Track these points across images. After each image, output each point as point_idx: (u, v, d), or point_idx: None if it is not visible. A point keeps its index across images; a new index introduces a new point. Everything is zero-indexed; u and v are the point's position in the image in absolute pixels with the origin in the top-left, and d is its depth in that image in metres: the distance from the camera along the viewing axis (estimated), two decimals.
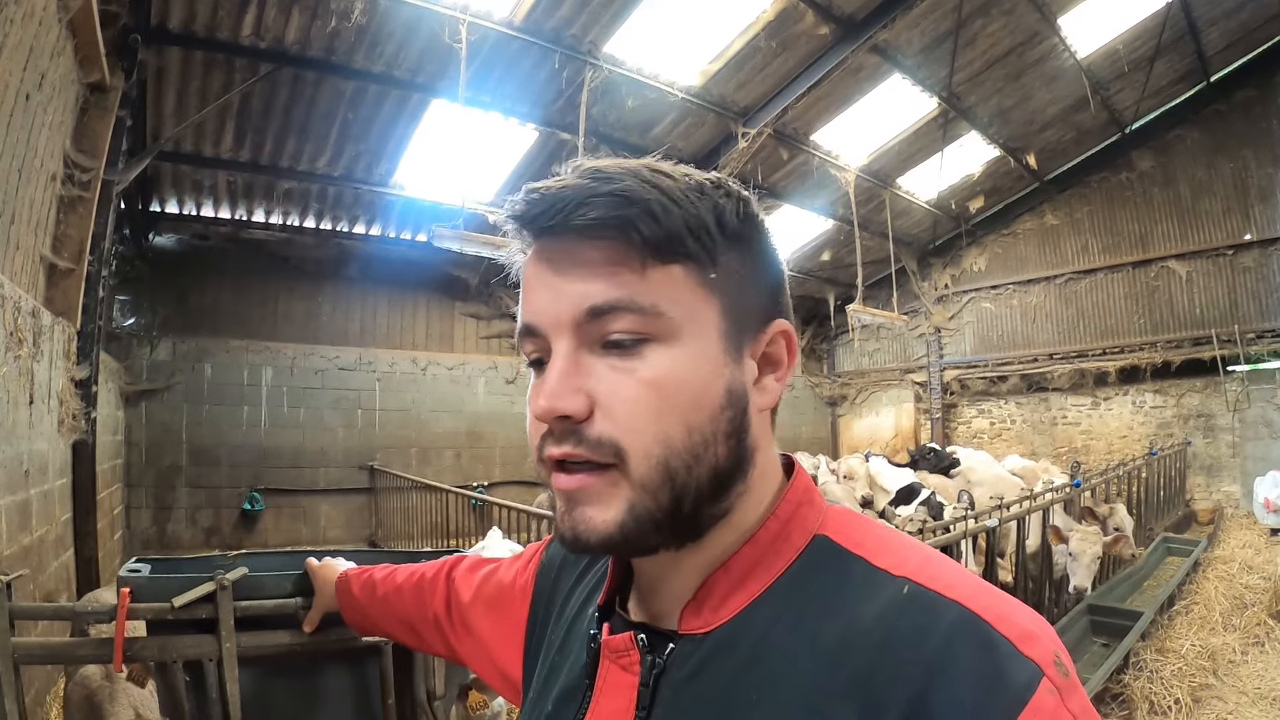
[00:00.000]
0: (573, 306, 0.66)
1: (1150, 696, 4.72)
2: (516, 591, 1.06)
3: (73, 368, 5.77)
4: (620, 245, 0.65)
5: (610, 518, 0.66)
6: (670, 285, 0.66)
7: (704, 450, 0.66)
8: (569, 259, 0.67)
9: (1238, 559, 7.97)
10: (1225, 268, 12.09)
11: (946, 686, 0.55)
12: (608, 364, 0.66)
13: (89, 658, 1.85)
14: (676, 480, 0.66)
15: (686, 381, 0.66)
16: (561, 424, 0.66)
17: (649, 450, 0.65)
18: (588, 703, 0.76)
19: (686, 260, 0.67)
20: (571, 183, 0.67)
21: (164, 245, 9.87)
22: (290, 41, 7.14)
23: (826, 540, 0.71)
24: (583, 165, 0.70)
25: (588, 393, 0.66)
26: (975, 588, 0.62)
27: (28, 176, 4.71)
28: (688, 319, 0.67)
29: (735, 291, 0.70)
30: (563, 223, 0.66)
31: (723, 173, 0.76)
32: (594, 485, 0.67)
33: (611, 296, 0.65)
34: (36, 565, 4.75)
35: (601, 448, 0.65)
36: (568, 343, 0.67)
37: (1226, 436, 12.13)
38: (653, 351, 0.66)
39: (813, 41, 8.57)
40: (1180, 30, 10.38)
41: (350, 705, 1.81)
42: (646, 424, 0.65)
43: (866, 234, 12.74)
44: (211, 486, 9.88)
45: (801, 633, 0.64)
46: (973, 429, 15.49)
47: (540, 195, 0.68)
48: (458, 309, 12.47)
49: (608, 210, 0.64)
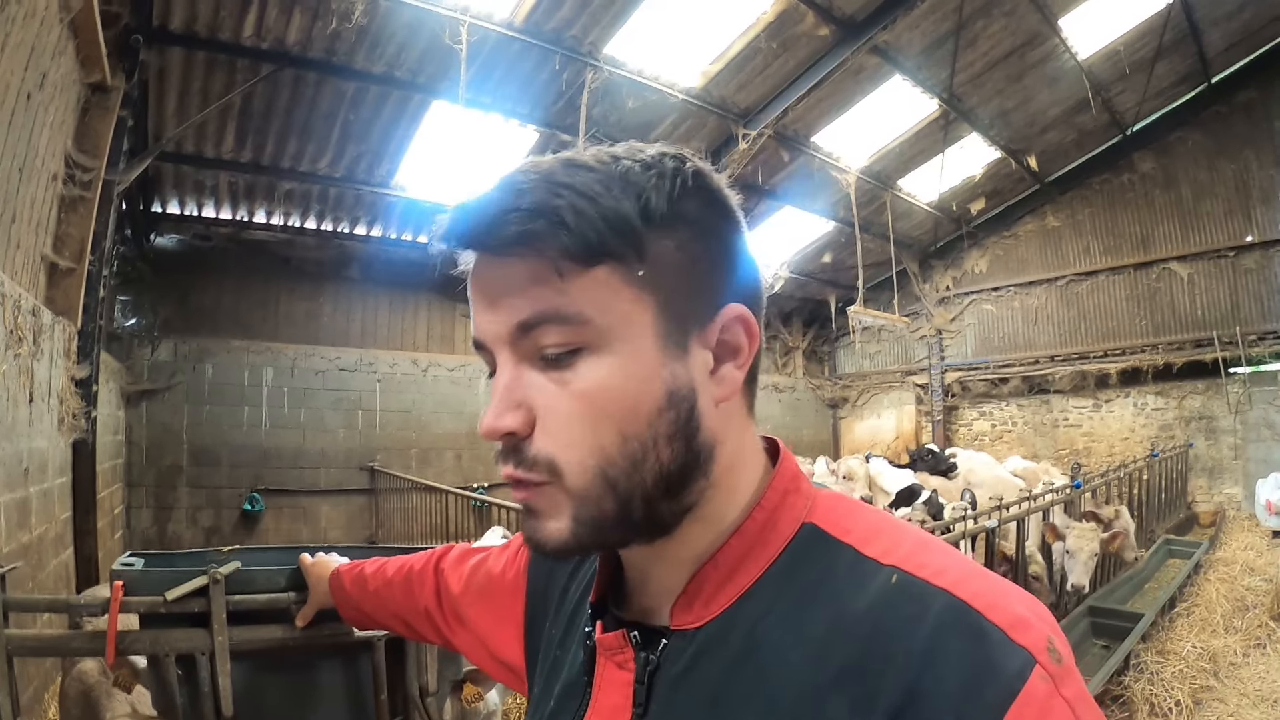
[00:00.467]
0: (504, 323, 0.66)
1: (1151, 698, 4.72)
2: (508, 582, 1.05)
3: (73, 367, 5.78)
4: (535, 260, 0.63)
5: (562, 526, 0.66)
6: (595, 290, 0.64)
7: (643, 456, 0.65)
8: (493, 277, 0.67)
9: (1239, 561, 7.96)
10: (1227, 269, 12.10)
11: (936, 678, 0.54)
12: (547, 377, 0.65)
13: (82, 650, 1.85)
14: (618, 488, 0.65)
15: (620, 389, 0.64)
16: (506, 440, 0.66)
17: (584, 463, 0.64)
18: (588, 700, 0.75)
19: (610, 260, 0.63)
20: (488, 198, 0.65)
21: (165, 246, 9.88)
22: (291, 42, 7.16)
23: (815, 528, 0.70)
24: (503, 175, 0.68)
25: (529, 406, 0.65)
26: (965, 573, 0.61)
27: (29, 176, 4.72)
28: (618, 323, 0.64)
29: (674, 281, 0.66)
30: (480, 244, 0.66)
31: (723, 174, 0.72)
32: (539, 498, 0.67)
33: (534, 311, 0.64)
34: (36, 563, 4.76)
35: (537, 466, 0.65)
36: (509, 357, 0.67)
37: (1228, 439, 12.12)
38: (583, 362, 0.64)
39: (813, 43, 8.58)
40: (1181, 31, 10.38)
41: (343, 700, 1.81)
42: (581, 438, 0.64)
43: (867, 236, 12.75)
44: (212, 487, 9.88)
45: (792, 625, 0.64)
46: (974, 431, 15.49)
47: (461, 213, 0.66)
48: (459, 310, 12.44)
49: (517, 226, 0.62)
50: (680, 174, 0.67)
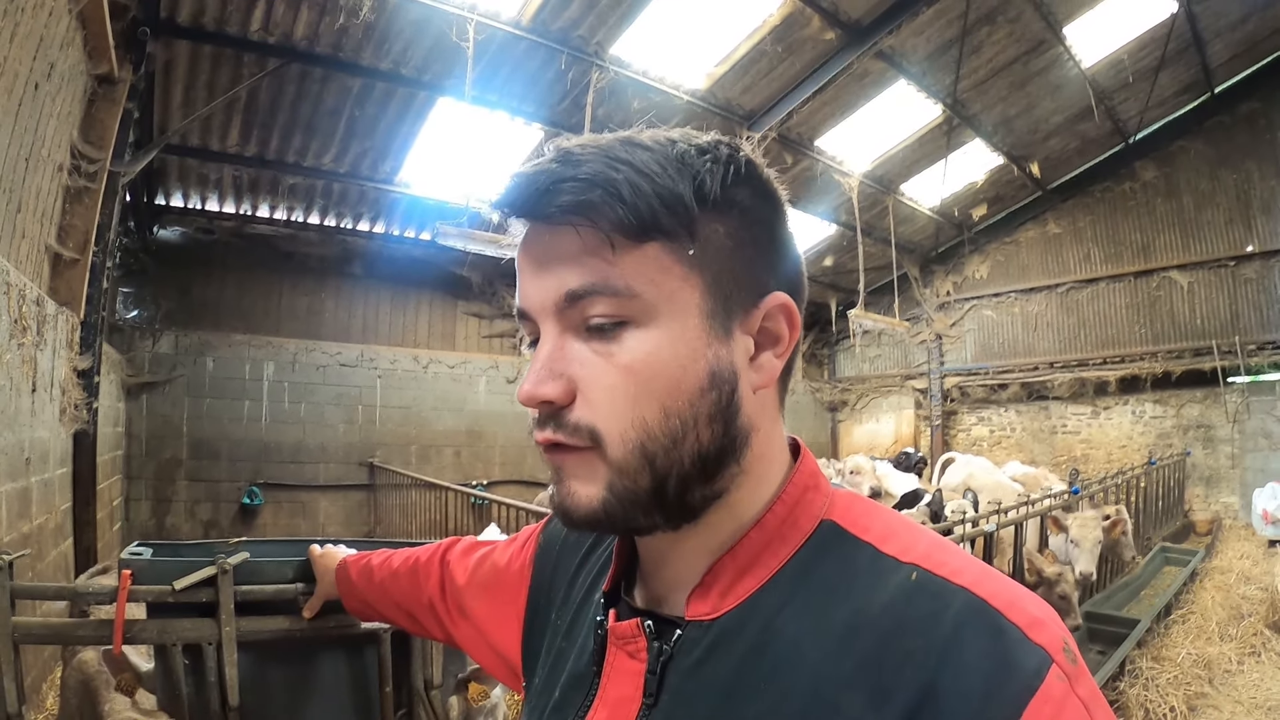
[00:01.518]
0: (552, 292, 0.66)
1: (1146, 704, 4.71)
2: (513, 575, 1.05)
3: (75, 358, 5.79)
4: (588, 230, 0.64)
5: (593, 493, 0.66)
6: (645, 265, 0.65)
7: (683, 434, 0.65)
8: (545, 245, 0.67)
9: (1235, 569, 7.96)
10: (1227, 279, 12.09)
11: (955, 673, 0.55)
12: (590, 348, 0.66)
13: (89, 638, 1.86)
14: (656, 463, 0.65)
15: (664, 364, 0.65)
16: (545, 409, 0.67)
17: (624, 435, 0.65)
18: (595, 690, 0.75)
19: (661, 238, 0.65)
20: (544, 167, 0.66)
21: (168, 238, 9.89)
22: (298, 37, 7.16)
23: (834, 525, 0.70)
24: (559, 145, 0.68)
25: (570, 377, 0.66)
26: (982, 573, 0.62)
27: (35, 166, 4.72)
28: (665, 299, 0.65)
29: (722, 265, 0.68)
30: (535, 211, 0.66)
31: (741, 142, 0.74)
32: (575, 459, 0.67)
33: (585, 282, 0.65)
34: (36, 553, 4.76)
35: (579, 432, 0.66)
36: (553, 327, 0.67)
37: (1226, 448, 12.12)
38: (630, 335, 0.65)
39: (818, 46, 8.59)
40: (1185, 42, 10.39)
41: (348, 692, 1.82)
42: (623, 409, 0.65)
43: (869, 240, 12.77)
44: (211, 480, 9.89)
45: (809, 619, 0.64)
46: (972, 436, 15.49)
47: (517, 181, 0.67)
48: (460, 308, 12.48)
49: (573, 196, 0.63)
50: (734, 161, 0.69)
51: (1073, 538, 5.68)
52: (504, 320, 12.78)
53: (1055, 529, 5.86)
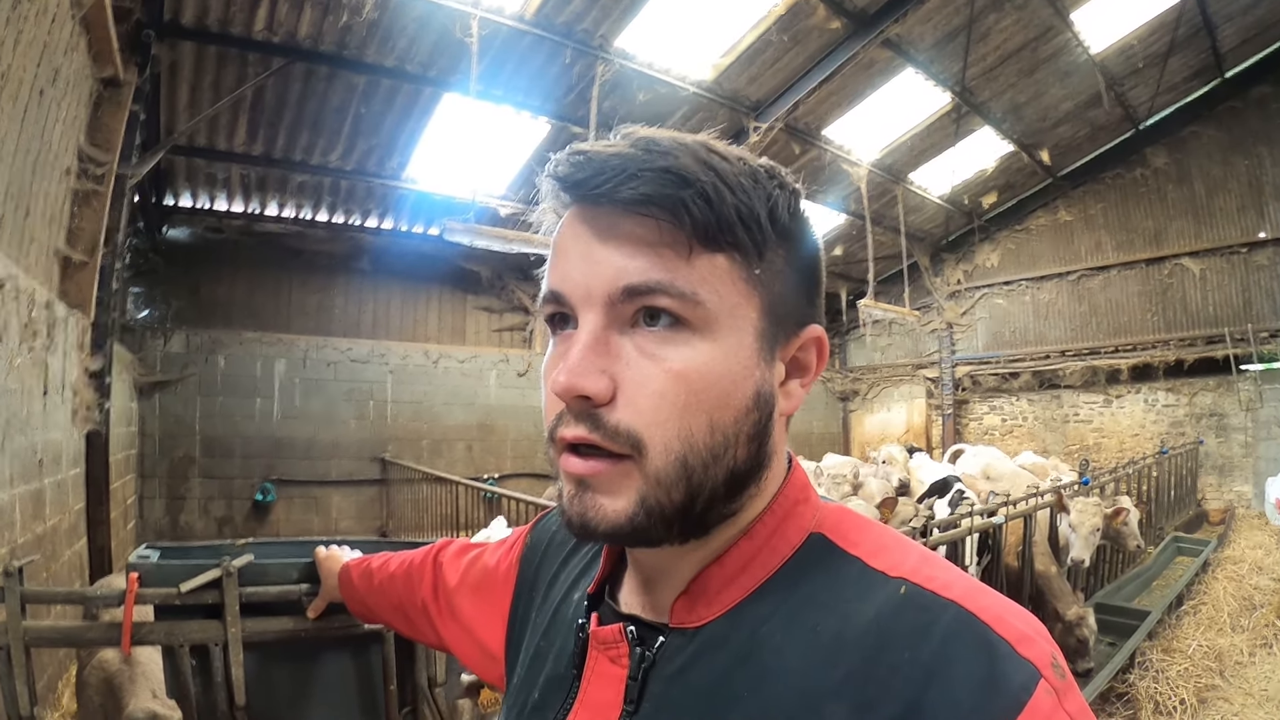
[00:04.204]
0: (608, 281, 0.63)
1: (1155, 696, 4.71)
2: (500, 575, 1.05)
3: (87, 359, 5.84)
4: (668, 226, 0.62)
5: (620, 508, 0.63)
6: (713, 275, 0.63)
7: (724, 451, 0.64)
8: (610, 231, 0.64)
9: (1248, 560, 7.91)
10: (1239, 265, 12.00)
11: (944, 687, 0.55)
12: (636, 347, 0.63)
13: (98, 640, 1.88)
14: (693, 479, 0.63)
15: (717, 378, 0.63)
16: (580, 404, 0.63)
17: (669, 445, 0.62)
18: (575, 693, 0.74)
19: (733, 251, 0.64)
20: (623, 150, 0.64)
21: (177, 238, 9.95)
22: (303, 36, 7.18)
23: (822, 539, 0.70)
24: (635, 133, 0.66)
25: (612, 375, 0.63)
26: (972, 588, 0.62)
27: (42, 171, 4.76)
28: (726, 312, 0.64)
29: (777, 290, 0.67)
30: (609, 193, 0.63)
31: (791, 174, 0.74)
32: (608, 473, 0.63)
33: (651, 278, 0.62)
34: (50, 554, 4.81)
35: (619, 437, 0.62)
36: (596, 318, 0.64)
37: (1239, 436, 12.05)
38: (686, 341, 0.63)
39: (824, 35, 8.56)
40: (1195, 26, 10.31)
41: (353, 690, 1.84)
42: (670, 417, 0.62)
43: (879, 229, 12.75)
44: (224, 477, 9.95)
45: (795, 630, 0.64)
46: (984, 425, 15.44)
47: (587, 159, 0.64)
48: (470, 302, 12.52)
49: (659, 187, 0.61)
50: (796, 192, 0.70)
51: (1071, 522, 5.67)
52: (514, 314, 12.81)
53: (1061, 508, 5.85)
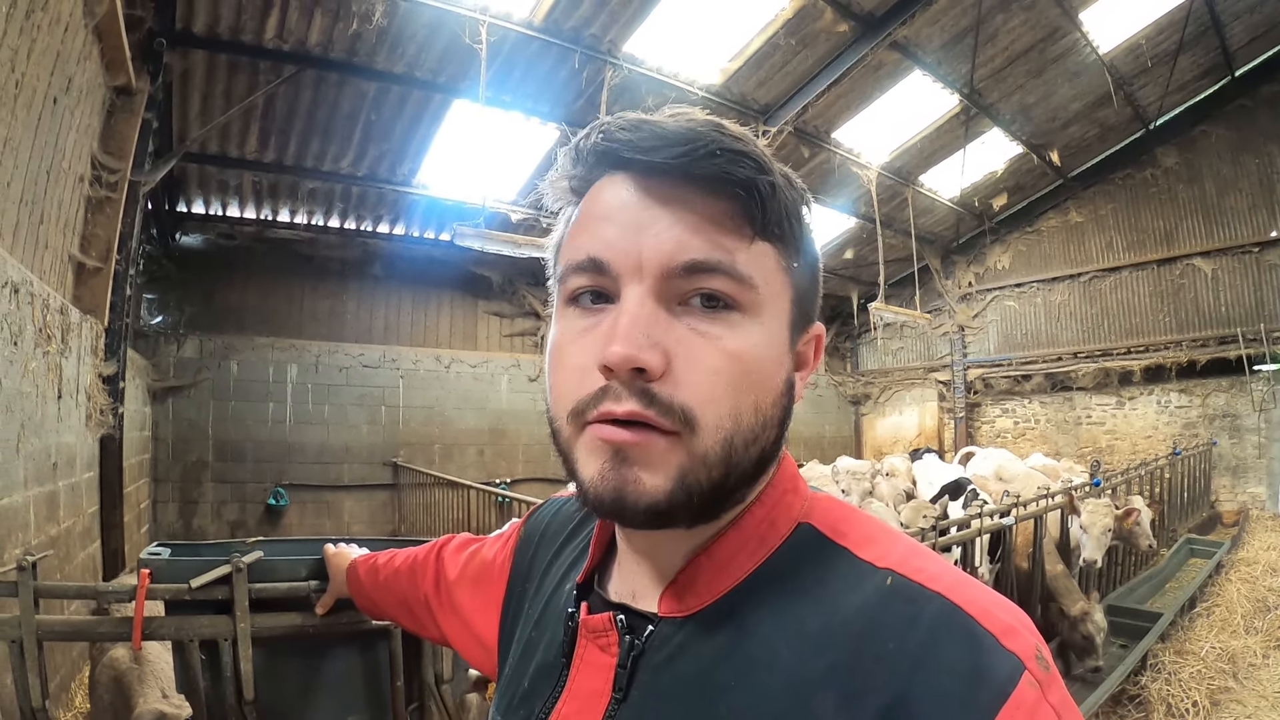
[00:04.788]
0: (666, 254, 0.62)
1: (1168, 699, 4.67)
2: (496, 567, 1.06)
3: (100, 364, 5.89)
4: (738, 207, 0.63)
5: (660, 484, 0.62)
6: (765, 262, 0.65)
7: (762, 432, 0.65)
8: (674, 204, 0.63)
9: (1261, 561, 7.84)
10: (1251, 265, 11.92)
11: (929, 678, 0.55)
12: (687, 325, 0.63)
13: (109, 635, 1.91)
14: (733, 458, 0.63)
15: (764, 361, 0.65)
16: (633, 377, 0.61)
17: (720, 423, 0.62)
18: (564, 681, 0.75)
19: (779, 242, 0.66)
20: (693, 127, 0.63)
21: (190, 244, 10.04)
22: (313, 44, 7.24)
23: (811, 529, 0.70)
24: (691, 113, 0.66)
25: (665, 349, 0.62)
26: (958, 580, 0.62)
27: (56, 178, 4.81)
28: (772, 299, 0.66)
29: (803, 284, 0.70)
30: (683, 165, 0.62)
31: None
32: (654, 446, 0.62)
33: (715, 256, 0.62)
34: (64, 556, 4.86)
35: (673, 413, 0.61)
36: (644, 291, 0.63)
37: (1252, 437, 11.96)
38: (740, 322, 0.64)
39: (832, 39, 8.57)
40: (1204, 24, 10.27)
41: (360, 686, 1.86)
42: (724, 395, 0.62)
43: (889, 232, 12.74)
44: (237, 481, 10.01)
45: (782, 620, 0.64)
46: (996, 428, 15.39)
47: (652, 129, 0.64)
48: (481, 307, 12.57)
49: (738, 168, 0.62)
50: (808, 196, 0.71)
51: (1082, 524, 5.65)
52: (525, 319, 12.86)
53: (1071, 510, 5.84)
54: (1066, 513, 5.93)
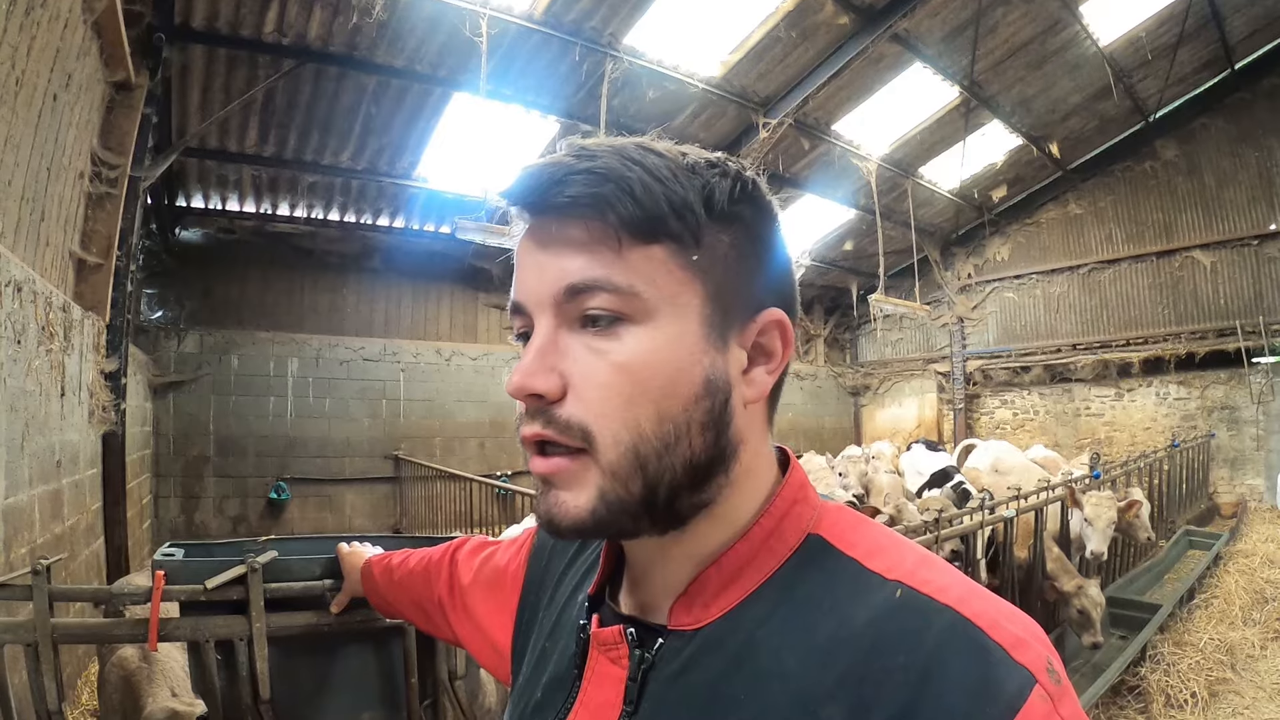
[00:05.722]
0: (552, 285, 0.66)
1: (1166, 690, 4.69)
2: (510, 575, 1.06)
3: (102, 360, 5.89)
4: (597, 224, 0.64)
5: (582, 503, 0.65)
6: (649, 266, 0.64)
7: (675, 440, 0.65)
8: (551, 237, 0.66)
9: (1260, 553, 7.86)
10: (1250, 258, 11.96)
11: (938, 692, 0.54)
12: (584, 344, 0.65)
13: (125, 637, 1.92)
14: (648, 469, 0.64)
15: (660, 366, 0.64)
16: (534, 402, 0.65)
17: (617, 436, 0.63)
18: (576, 693, 0.75)
19: (668, 240, 0.65)
20: (557, 160, 0.66)
21: (190, 239, 10.02)
22: (313, 38, 7.22)
23: (820, 540, 0.70)
24: (573, 143, 0.68)
25: (561, 373, 0.65)
26: (968, 592, 0.61)
27: (56, 174, 4.81)
28: (665, 301, 0.65)
29: (723, 276, 0.68)
30: (542, 201, 0.66)
31: (745, 163, 0.75)
32: (567, 469, 0.65)
33: (588, 275, 0.64)
34: (69, 553, 4.86)
35: (570, 430, 0.64)
36: (548, 320, 0.66)
37: (1251, 429, 12.00)
38: (628, 333, 0.64)
39: (833, 31, 8.57)
40: (1203, 17, 10.27)
41: (374, 683, 1.87)
42: (616, 409, 0.63)
43: (889, 224, 12.75)
44: (238, 476, 10.02)
45: (792, 632, 0.64)
46: (995, 420, 15.43)
47: (528, 173, 0.66)
48: (481, 300, 12.55)
49: (584, 188, 0.63)
50: (741, 178, 0.70)
51: (1087, 516, 5.66)
52: None
53: (1072, 503, 5.85)
54: (1068, 506, 5.94)
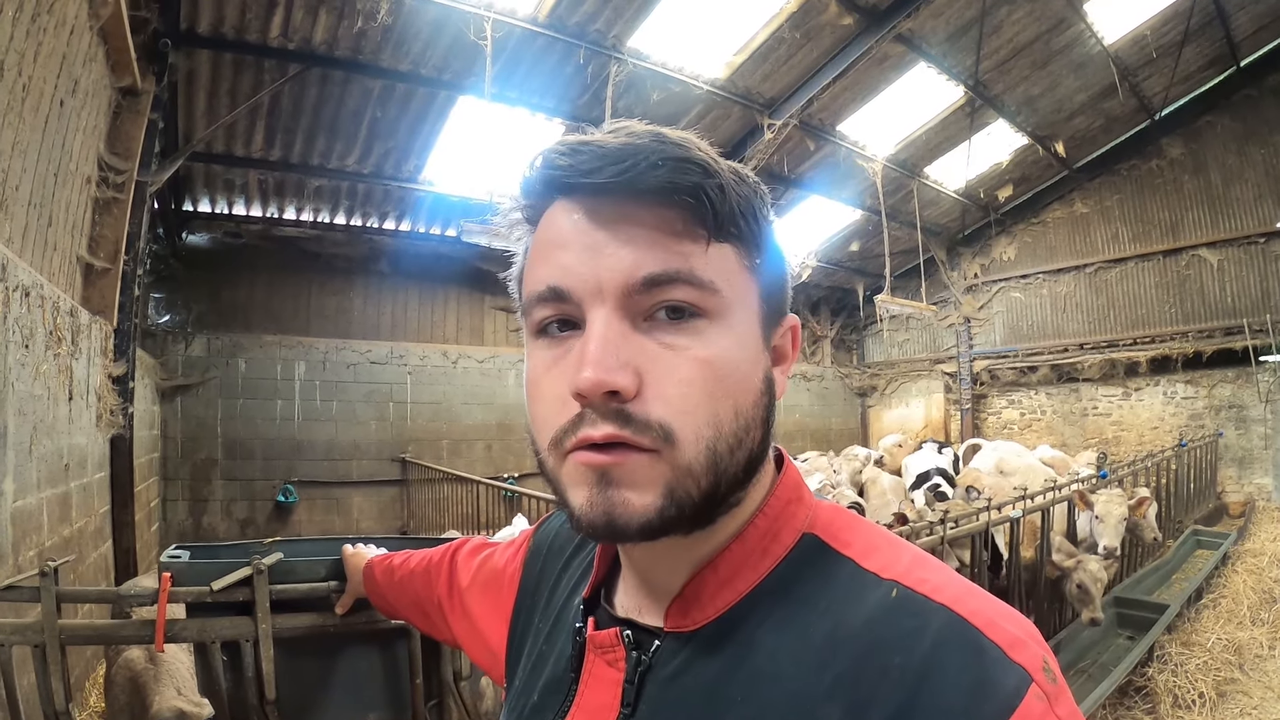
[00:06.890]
0: (623, 273, 0.62)
1: (1174, 690, 4.69)
2: (506, 577, 1.06)
3: (110, 364, 5.91)
4: (689, 214, 0.62)
5: (649, 502, 0.62)
6: (725, 262, 0.64)
7: (746, 435, 0.64)
8: (624, 221, 0.63)
9: (1268, 552, 7.85)
10: (1257, 256, 11.91)
11: (934, 691, 0.54)
12: (655, 340, 0.63)
13: (131, 638, 1.93)
14: (719, 465, 0.63)
15: (738, 363, 0.64)
16: (607, 401, 0.61)
17: (700, 433, 0.62)
18: (573, 696, 0.75)
19: (737, 242, 0.65)
20: (633, 140, 0.63)
21: (197, 244, 10.05)
22: (318, 42, 7.24)
23: (815, 539, 0.70)
24: (628, 126, 0.66)
25: (637, 368, 0.61)
26: (964, 591, 0.61)
27: (63, 180, 4.83)
28: (738, 301, 0.65)
29: (769, 279, 0.69)
30: (628, 182, 0.62)
31: (749, 165, 0.76)
32: (635, 465, 0.61)
33: (672, 267, 0.62)
34: (76, 556, 4.89)
35: (650, 430, 0.61)
36: (608, 312, 0.62)
37: (1259, 428, 11.95)
38: (707, 329, 0.63)
39: (837, 31, 8.55)
40: (1209, 15, 10.24)
41: (380, 684, 1.88)
42: (700, 405, 0.62)
43: (895, 224, 12.73)
44: (246, 479, 10.04)
45: (788, 633, 0.64)
46: (1003, 420, 15.39)
47: (593, 149, 0.63)
48: (487, 302, 12.56)
49: (682, 175, 0.61)
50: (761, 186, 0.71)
51: (1097, 513, 5.65)
52: None
53: (1082, 505, 5.85)
54: (1077, 508, 5.94)
